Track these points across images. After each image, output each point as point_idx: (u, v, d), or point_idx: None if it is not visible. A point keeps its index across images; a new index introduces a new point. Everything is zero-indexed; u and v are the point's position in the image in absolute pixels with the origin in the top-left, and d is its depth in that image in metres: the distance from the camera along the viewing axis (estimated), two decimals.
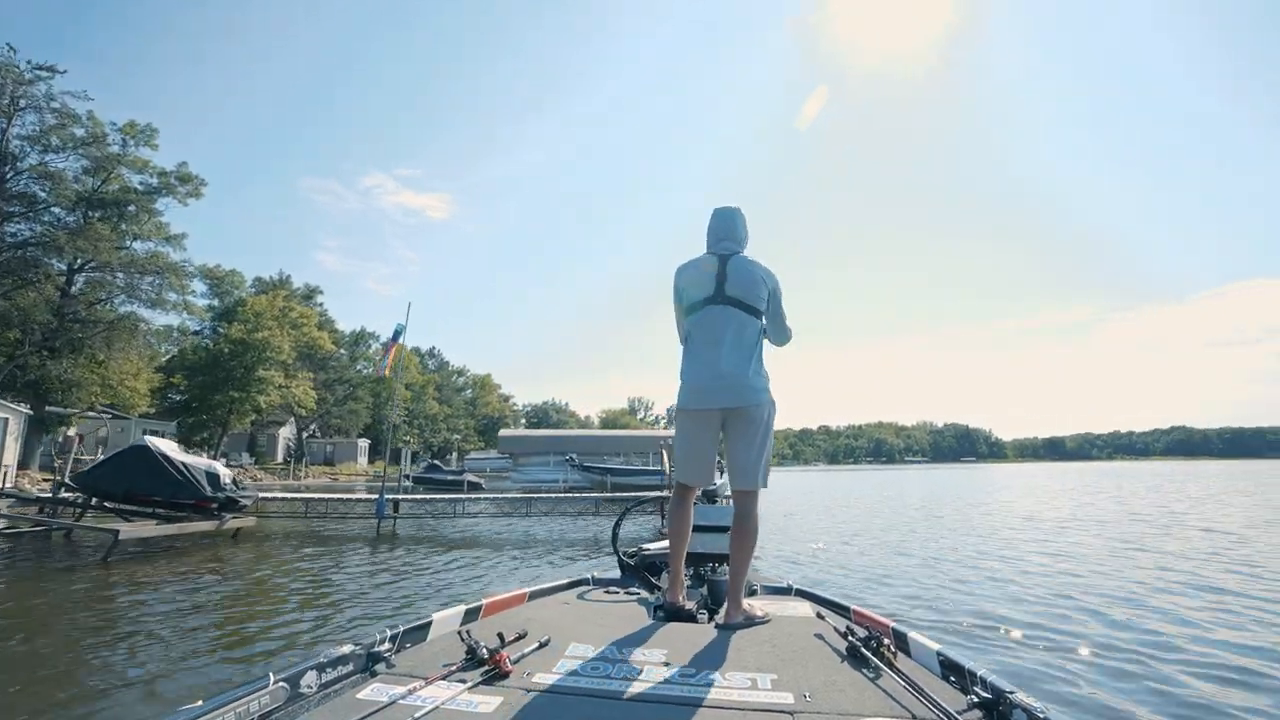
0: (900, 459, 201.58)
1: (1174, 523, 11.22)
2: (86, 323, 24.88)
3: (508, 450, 32.04)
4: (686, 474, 2.44)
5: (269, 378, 35.71)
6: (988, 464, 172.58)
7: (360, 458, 58.21)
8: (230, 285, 47.45)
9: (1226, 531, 9.82)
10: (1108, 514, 13.25)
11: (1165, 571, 6.52)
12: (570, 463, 23.93)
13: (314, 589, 5.95)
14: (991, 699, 1.46)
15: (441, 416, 79.82)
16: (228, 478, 9.73)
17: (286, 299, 41.47)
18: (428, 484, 23.99)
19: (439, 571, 6.87)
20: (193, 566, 7.08)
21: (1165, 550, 8.04)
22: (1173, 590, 5.61)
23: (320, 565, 7.32)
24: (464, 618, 2.18)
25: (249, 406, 35.52)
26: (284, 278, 48.54)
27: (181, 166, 27.42)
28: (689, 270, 2.49)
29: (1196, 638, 4.11)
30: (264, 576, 6.66)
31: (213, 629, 4.45)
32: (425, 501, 12.68)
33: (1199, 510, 13.73)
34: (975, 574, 6.56)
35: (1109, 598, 5.31)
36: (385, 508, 11.32)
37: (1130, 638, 4.11)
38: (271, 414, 42.91)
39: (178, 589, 5.80)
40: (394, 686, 1.53)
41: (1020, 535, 9.99)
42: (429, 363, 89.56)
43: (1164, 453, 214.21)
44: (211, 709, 1.29)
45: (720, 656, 1.79)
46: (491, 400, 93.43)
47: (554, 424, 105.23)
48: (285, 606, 5.24)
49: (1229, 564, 6.92)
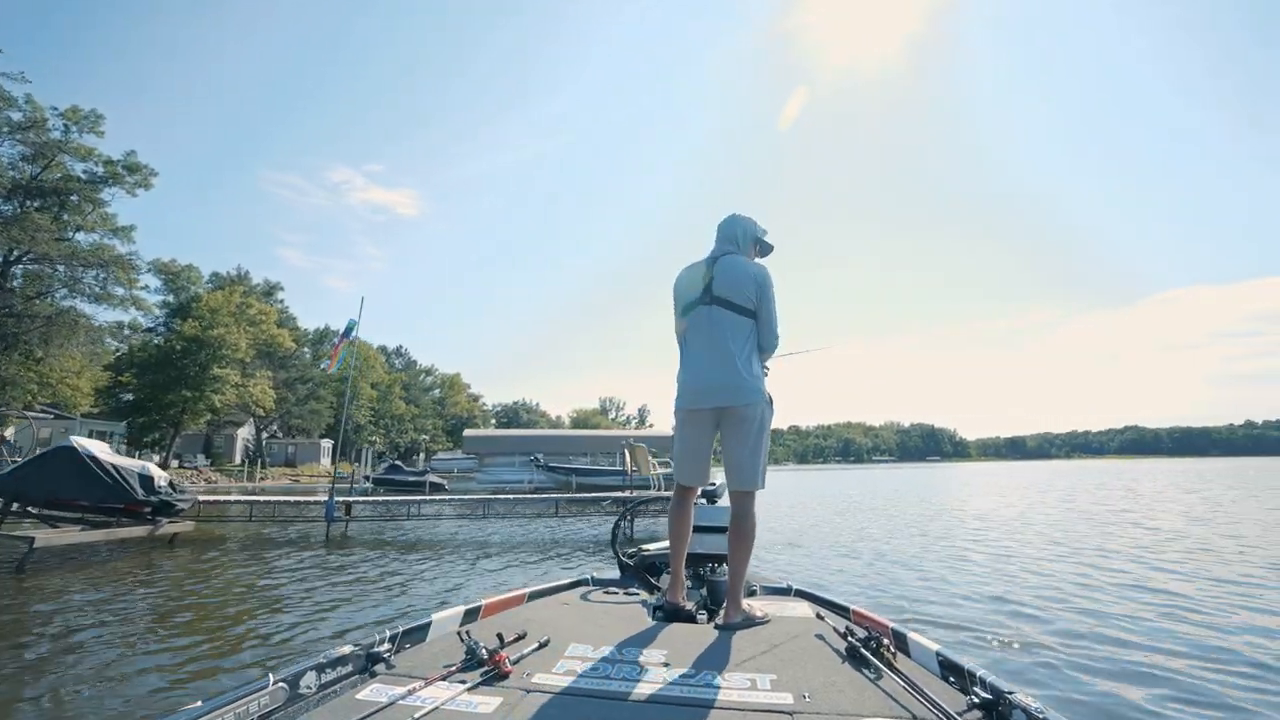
0: (868, 458, 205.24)
1: (1118, 520, 11.52)
2: (23, 317, 23.60)
3: (473, 450, 31.52)
4: (682, 474, 2.46)
5: (224, 376, 34.44)
6: (952, 463, 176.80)
7: (324, 459, 56.82)
8: (186, 281, 45.74)
9: (1155, 528, 10.14)
10: (1055, 513, 13.54)
11: (1097, 567, 6.66)
12: (535, 463, 23.62)
13: (244, 600, 5.63)
14: (991, 699, 1.45)
15: (408, 416, 78.52)
16: (163, 480, 9.24)
17: (244, 295, 40.10)
18: (388, 485, 23.39)
19: (384, 580, 6.58)
20: (116, 575, 6.66)
21: (1109, 548, 8.21)
22: (1104, 587, 5.69)
23: (256, 572, 6.97)
24: (463, 618, 2.18)
25: (203, 406, 34.22)
26: (242, 273, 47.02)
27: (129, 155, 26.28)
28: (684, 274, 2.54)
29: (1127, 630, 4.14)
30: (193, 587, 6.30)
31: (120, 645, 4.13)
32: (380, 503, 12.29)
33: (1145, 508, 14.14)
34: (912, 573, 6.58)
35: (1038, 593, 5.34)
36: (335, 510, 10.93)
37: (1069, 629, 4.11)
38: (228, 414, 41.50)
39: (93, 600, 5.42)
40: (393, 687, 1.53)
41: (969, 534, 10.11)
42: (396, 362, 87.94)
43: (1118, 451, 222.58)
44: (211, 710, 1.29)
45: (720, 657, 1.79)
46: (460, 400, 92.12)
47: (524, 424, 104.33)
48: (210, 621, 4.93)
49: (1156, 563, 7.08)
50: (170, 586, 6.25)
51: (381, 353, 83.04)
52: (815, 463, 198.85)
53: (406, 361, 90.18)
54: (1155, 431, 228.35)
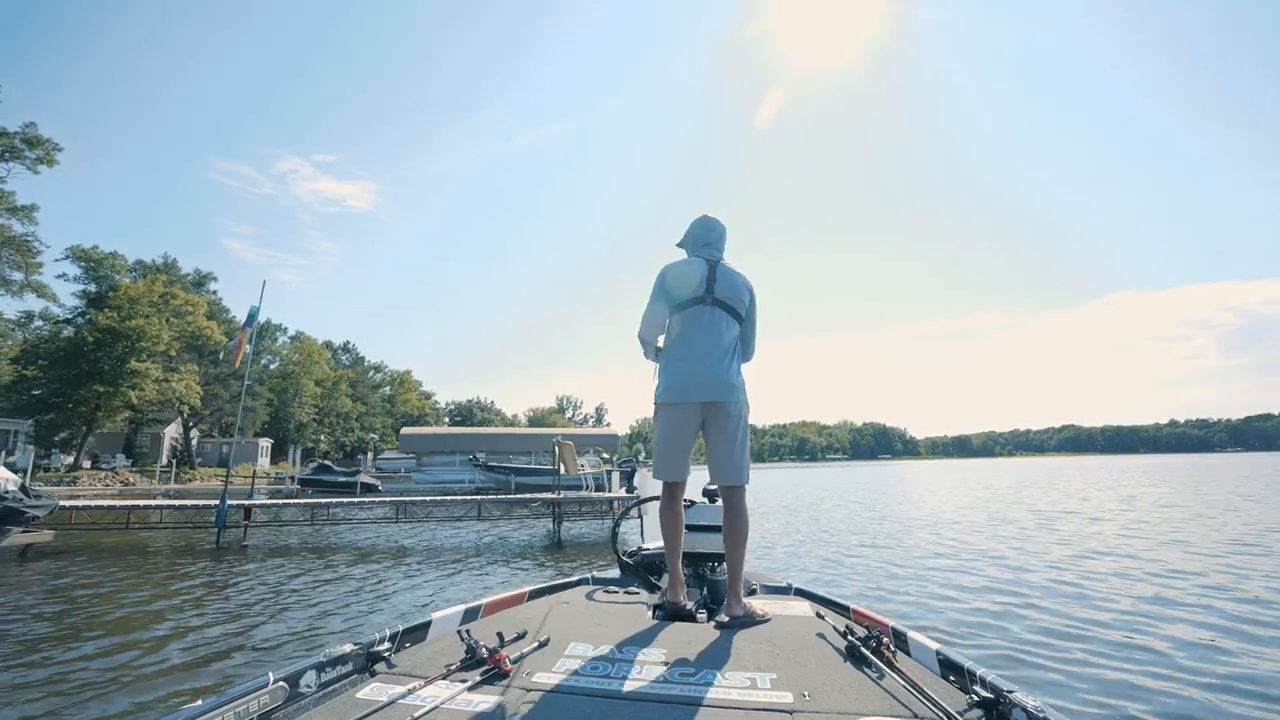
0: (822, 457, 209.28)
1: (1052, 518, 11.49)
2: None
3: (411, 450, 29.94)
4: (665, 469, 2.43)
5: (143, 371, 32.04)
6: (902, 460, 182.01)
7: (262, 458, 54.09)
8: (111, 269, 42.60)
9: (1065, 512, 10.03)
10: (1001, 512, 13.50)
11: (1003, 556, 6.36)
12: (474, 462, 22.55)
13: (73, 627, 4.71)
14: (991, 698, 1.46)
15: (355, 415, 75.71)
16: (11, 484, 8.09)
17: (169, 284, 37.47)
18: (316, 486, 21.98)
19: (262, 603, 5.71)
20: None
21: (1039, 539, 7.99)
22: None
23: (108, 592, 6.00)
24: (463, 617, 2.17)
25: (119, 403, 31.77)
26: (169, 261, 44.01)
27: (29, 128, 23.97)
28: (677, 270, 2.51)
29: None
30: (26, 605, 5.34)
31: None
32: (286, 506, 11.25)
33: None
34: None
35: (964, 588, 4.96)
36: (227, 516, 9.87)
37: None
38: (151, 411, 38.82)
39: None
40: (393, 686, 1.53)
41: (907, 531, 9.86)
42: (343, 358, 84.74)
43: (1056, 449, 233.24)
44: (211, 709, 1.28)
45: (720, 656, 1.78)
46: (411, 398, 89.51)
47: (479, 422, 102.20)
48: (30, 653, 4.03)
49: (1057, 556, 6.87)
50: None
51: (327, 348, 79.86)
52: (771, 461, 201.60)
53: (354, 358, 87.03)
54: (1090, 430, 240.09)
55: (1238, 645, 3.90)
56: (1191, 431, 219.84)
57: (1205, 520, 10.29)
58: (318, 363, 67.74)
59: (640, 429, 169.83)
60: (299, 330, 70.70)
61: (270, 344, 65.94)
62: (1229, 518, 10.58)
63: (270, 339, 66.33)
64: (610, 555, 3.45)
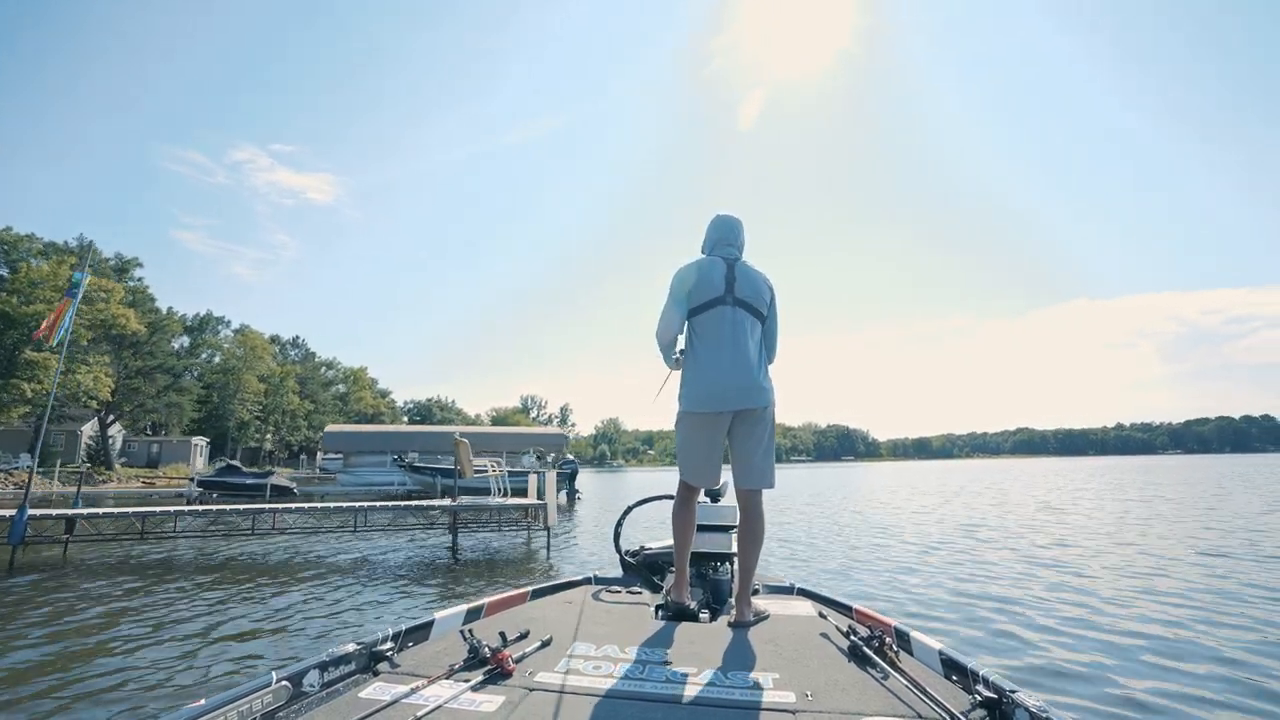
0: (787, 458, 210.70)
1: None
2: None
3: (336, 449, 27.59)
4: (695, 476, 2.39)
5: (41, 361, 29.08)
6: (865, 462, 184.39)
7: (197, 458, 50.75)
8: (27, 253, 39.06)
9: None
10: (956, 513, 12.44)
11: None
12: (398, 463, 20.62)
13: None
14: (994, 698, 1.45)
15: (303, 413, 72.23)
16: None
17: (77, 268, 34.33)
18: (220, 489, 19.76)
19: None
20: None
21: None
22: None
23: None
24: (466, 617, 2.14)
25: (10, 397, 28.75)
26: (84, 243, 40.58)
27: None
28: (694, 271, 2.43)
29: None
30: None
31: None
32: (121, 516, 9.34)
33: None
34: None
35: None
36: (25, 527, 7.97)
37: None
38: (61, 406, 35.56)
39: None
40: (396, 686, 1.52)
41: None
42: (291, 353, 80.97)
43: (1011, 451, 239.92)
44: (214, 708, 1.28)
45: (723, 656, 1.78)
46: (365, 396, 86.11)
47: (439, 422, 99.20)
48: None
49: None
50: None
51: (275, 343, 76.06)
52: None
53: (304, 353, 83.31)
54: (1043, 433, 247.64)
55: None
56: (1136, 435, 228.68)
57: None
58: (262, 357, 64.33)
59: (605, 430, 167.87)
60: (244, 324, 66.89)
61: (211, 337, 62.31)
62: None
63: (211, 332, 62.67)
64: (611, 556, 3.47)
